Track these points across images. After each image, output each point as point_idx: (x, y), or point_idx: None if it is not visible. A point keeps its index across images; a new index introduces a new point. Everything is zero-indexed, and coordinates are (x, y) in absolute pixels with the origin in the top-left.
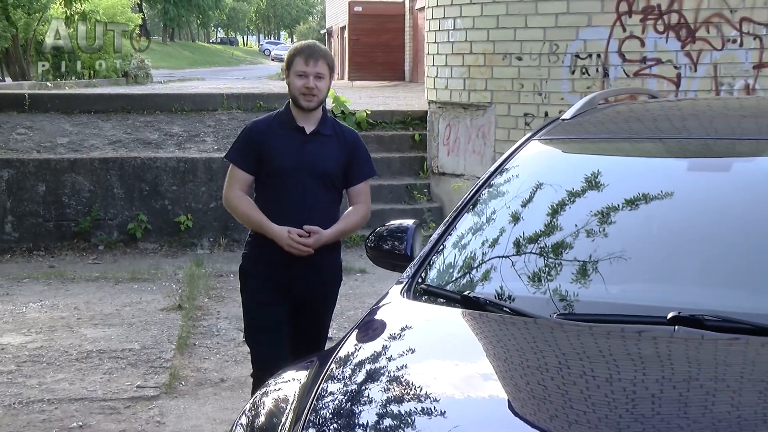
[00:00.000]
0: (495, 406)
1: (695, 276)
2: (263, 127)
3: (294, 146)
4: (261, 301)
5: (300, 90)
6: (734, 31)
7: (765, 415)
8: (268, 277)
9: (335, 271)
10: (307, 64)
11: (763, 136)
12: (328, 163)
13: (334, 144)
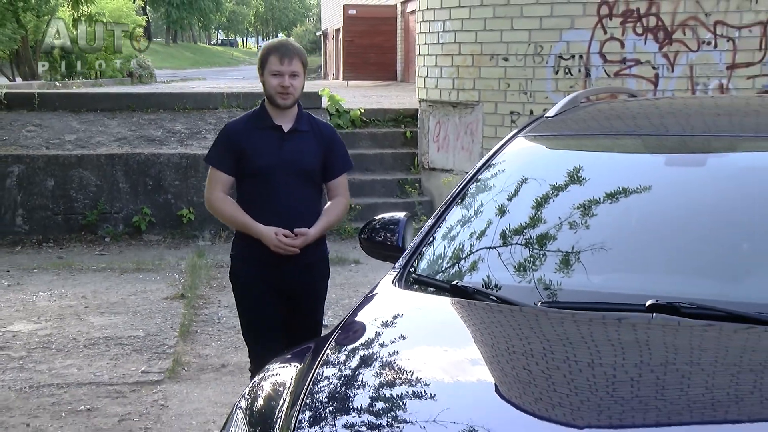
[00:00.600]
0: (483, 389)
1: (672, 266)
2: (240, 127)
3: (272, 145)
4: (253, 302)
5: (276, 89)
6: (709, 34)
7: (737, 396)
8: (257, 277)
9: (322, 264)
10: (282, 63)
11: (736, 133)
12: (308, 160)
13: (311, 140)
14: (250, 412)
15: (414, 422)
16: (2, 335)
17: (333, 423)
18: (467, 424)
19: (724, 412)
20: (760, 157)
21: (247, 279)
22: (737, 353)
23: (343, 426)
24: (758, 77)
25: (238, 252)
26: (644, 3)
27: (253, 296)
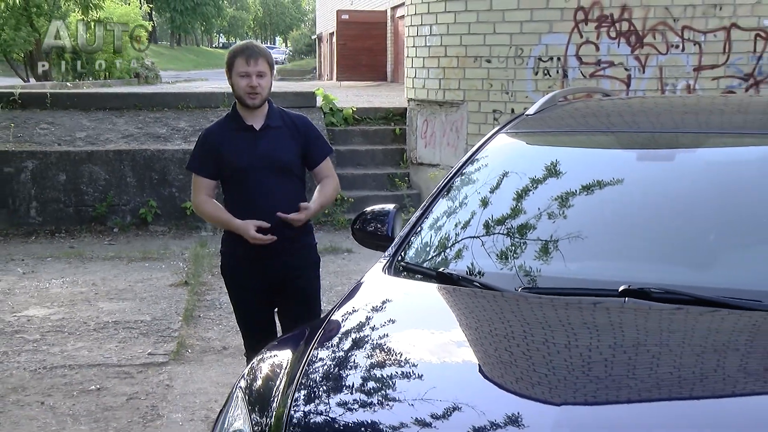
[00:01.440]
0: (467, 369)
1: (643, 254)
2: (215, 131)
3: (247, 144)
4: (242, 296)
5: (244, 90)
6: (677, 38)
7: (702, 374)
8: (245, 272)
9: (310, 254)
10: (248, 64)
11: (703, 130)
12: (283, 154)
13: (285, 134)
14: (249, 392)
15: (403, 400)
16: (17, 319)
17: (327, 401)
18: (453, 401)
19: (690, 390)
20: (725, 152)
21: (235, 274)
22: (703, 335)
23: (337, 404)
24: (722, 78)
25: (226, 248)
26: (617, 9)
27: (242, 290)
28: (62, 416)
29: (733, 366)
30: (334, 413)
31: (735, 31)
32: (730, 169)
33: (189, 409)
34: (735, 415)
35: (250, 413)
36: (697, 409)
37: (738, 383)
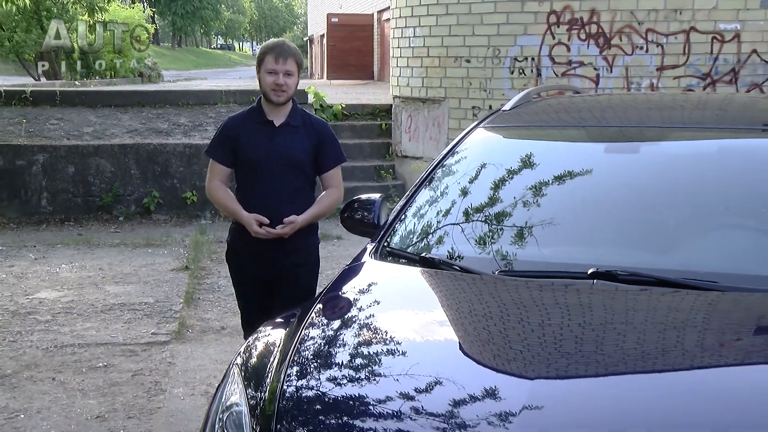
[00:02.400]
0: (448, 347)
1: (611, 239)
2: (238, 122)
3: (264, 138)
4: (243, 285)
5: (270, 86)
6: (641, 40)
7: (664, 350)
8: (247, 264)
9: (312, 252)
10: (277, 62)
11: (665, 124)
12: (296, 152)
13: (302, 134)
14: (245, 368)
15: (388, 375)
16: (30, 302)
17: (318, 377)
18: (434, 376)
19: (652, 364)
20: (685, 145)
21: (238, 262)
22: (664, 313)
23: (327, 379)
24: (683, 78)
25: (233, 239)
26: (587, 13)
27: (243, 280)
28: (72, 391)
29: (691, 342)
30: (324, 388)
31: (694, 34)
32: (690, 161)
33: (189, 384)
34: (693, 386)
35: (245, 388)
36: (658, 381)
37: (695, 357)
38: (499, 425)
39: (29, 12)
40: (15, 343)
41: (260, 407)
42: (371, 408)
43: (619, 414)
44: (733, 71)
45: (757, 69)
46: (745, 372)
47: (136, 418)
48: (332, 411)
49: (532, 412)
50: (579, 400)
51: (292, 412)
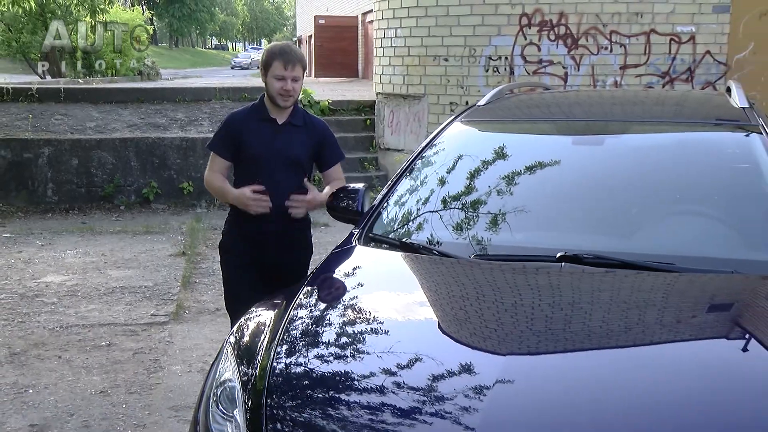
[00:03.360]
0: (427, 326)
1: (578, 225)
2: (241, 118)
3: (267, 136)
4: (238, 274)
5: (278, 91)
6: (606, 41)
7: (627, 326)
8: (244, 253)
9: (306, 245)
10: (286, 68)
11: (627, 119)
12: (296, 150)
13: (303, 133)
14: (238, 347)
15: (372, 353)
16: (37, 285)
17: (306, 354)
18: (415, 353)
19: (616, 340)
20: (645, 137)
21: (234, 253)
22: (627, 293)
23: (314, 356)
24: (644, 76)
25: (229, 229)
26: (556, 15)
27: (237, 268)
28: (77, 368)
29: (651, 319)
30: (312, 364)
31: (654, 36)
32: (650, 152)
33: (187, 362)
34: (653, 360)
35: (238, 365)
36: (621, 355)
37: (655, 333)
38: (474, 398)
39: (35, 14)
40: (23, 324)
41: (252, 383)
42: (356, 383)
43: (584, 386)
44: (689, 70)
45: (710, 68)
46: (698, 346)
47: (137, 393)
48: (319, 386)
49: (505, 385)
50: (548, 374)
51: (282, 387)
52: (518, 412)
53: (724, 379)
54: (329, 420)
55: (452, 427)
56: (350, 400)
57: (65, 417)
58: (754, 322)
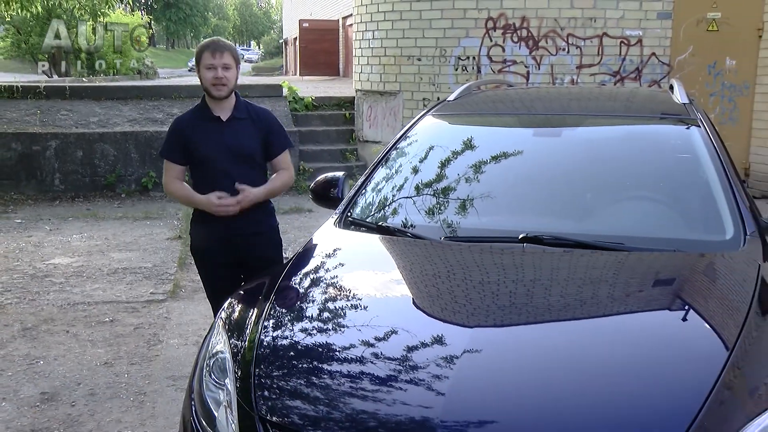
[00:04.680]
0: (402, 302)
1: (538, 209)
2: (186, 121)
3: (214, 134)
4: (211, 273)
5: (210, 81)
6: (564, 43)
7: (582, 300)
8: (212, 251)
9: (273, 234)
10: (214, 57)
11: (583, 113)
12: (246, 144)
13: (249, 125)
14: (228, 322)
15: (352, 326)
16: (46, 266)
17: (291, 327)
18: (391, 326)
19: (574, 312)
20: (599, 130)
21: (204, 253)
22: (582, 271)
23: (298, 330)
24: (597, 74)
25: (194, 230)
26: (518, 19)
27: (210, 268)
28: (83, 342)
29: (604, 293)
30: (296, 337)
31: (606, 39)
32: (602, 143)
33: (183, 335)
34: (604, 329)
35: (228, 339)
36: (578, 326)
37: (607, 306)
38: (445, 366)
39: (42, 18)
40: (34, 302)
41: (241, 354)
42: (337, 353)
43: (543, 354)
44: (637, 70)
45: (655, 68)
46: (644, 317)
47: (138, 364)
48: (303, 357)
49: (472, 354)
50: (511, 344)
51: (269, 358)
52: (484, 378)
53: (666, 345)
54: (313, 387)
55: (425, 392)
56: (332, 370)
57: (73, 386)
58: (692, 295)
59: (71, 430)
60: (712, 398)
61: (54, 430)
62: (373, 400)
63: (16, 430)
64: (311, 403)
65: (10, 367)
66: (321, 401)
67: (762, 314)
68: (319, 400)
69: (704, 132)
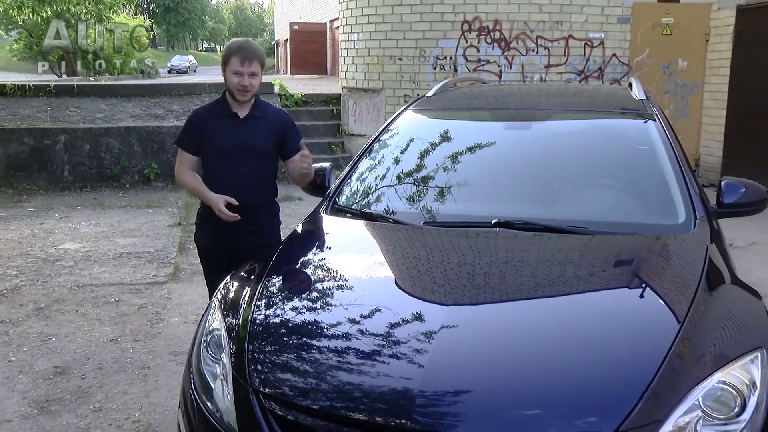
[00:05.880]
0: (385, 282)
1: (509, 196)
2: (204, 114)
3: (229, 130)
4: (211, 265)
5: (236, 87)
6: (533, 44)
7: (549, 280)
8: (214, 245)
9: (273, 233)
10: (243, 65)
11: (550, 108)
12: (259, 142)
13: (264, 125)
14: (224, 302)
15: (339, 305)
16: (57, 251)
17: (281, 306)
18: (374, 305)
19: (543, 290)
20: (565, 123)
21: (206, 246)
22: (550, 253)
23: (289, 308)
24: (564, 73)
25: (200, 222)
26: (492, 22)
27: (211, 259)
28: (92, 320)
29: (570, 273)
30: (287, 315)
31: (571, 41)
32: (568, 135)
33: (183, 314)
34: (570, 305)
35: (224, 317)
36: (545, 304)
37: (572, 285)
38: (424, 340)
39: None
40: (46, 284)
41: (235, 331)
42: (324, 330)
43: (514, 329)
44: (600, 69)
45: (616, 68)
46: (607, 294)
47: (142, 341)
48: (293, 333)
49: (449, 330)
50: (485, 320)
51: (261, 334)
52: (459, 352)
53: (625, 319)
54: (302, 361)
55: (405, 365)
56: (320, 345)
57: (83, 360)
58: (648, 274)
59: (82, 400)
60: (664, 366)
61: (66, 400)
62: (357, 373)
63: (32, 400)
64: (301, 375)
65: (26, 343)
66: (310, 374)
67: (709, 290)
68: (308, 373)
69: (660, 126)
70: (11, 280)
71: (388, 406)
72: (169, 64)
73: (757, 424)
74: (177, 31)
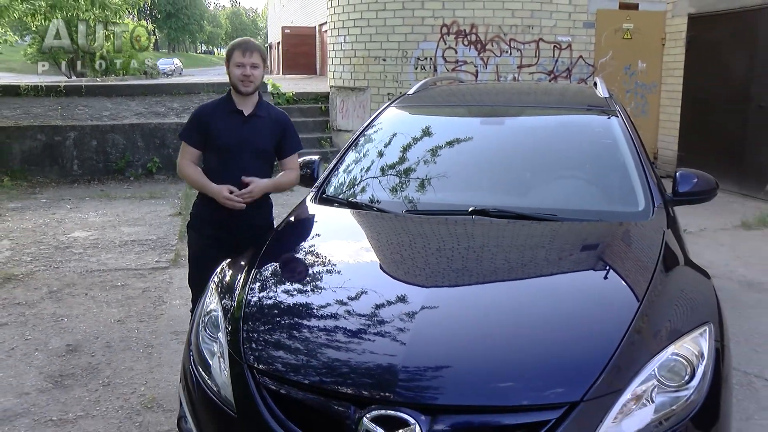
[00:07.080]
0: (370, 266)
1: (485, 186)
2: (209, 109)
3: (234, 127)
4: (204, 253)
5: (239, 78)
6: (507, 46)
7: (522, 263)
8: (210, 235)
9: (265, 228)
10: (244, 56)
11: (522, 104)
12: (262, 140)
13: (267, 124)
14: (220, 285)
15: (327, 288)
16: (67, 239)
17: (274, 289)
18: (361, 288)
19: (516, 273)
20: (536, 119)
21: (201, 235)
22: (523, 238)
23: (281, 291)
24: (535, 73)
25: (196, 212)
26: (468, 26)
27: (203, 247)
28: (100, 302)
29: (541, 257)
30: (279, 297)
31: (542, 44)
32: (538, 130)
33: (183, 297)
34: (540, 286)
35: (220, 299)
36: (518, 285)
37: (543, 267)
38: (406, 320)
39: None
40: (58, 269)
41: (231, 312)
42: (314, 311)
43: (490, 308)
44: (568, 70)
45: (582, 69)
46: (574, 276)
47: (146, 322)
48: (284, 314)
49: (429, 310)
50: (462, 300)
51: (255, 315)
52: (439, 330)
53: (589, 298)
54: (293, 340)
55: (389, 342)
56: (310, 324)
57: (92, 339)
58: (611, 257)
59: (92, 375)
60: (625, 341)
61: (78, 375)
62: (345, 350)
63: (47, 375)
64: (292, 352)
65: (40, 323)
66: (300, 351)
67: (665, 271)
68: (298, 350)
69: (622, 121)
70: (26, 266)
71: (373, 380)
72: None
73: (703, 390)
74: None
